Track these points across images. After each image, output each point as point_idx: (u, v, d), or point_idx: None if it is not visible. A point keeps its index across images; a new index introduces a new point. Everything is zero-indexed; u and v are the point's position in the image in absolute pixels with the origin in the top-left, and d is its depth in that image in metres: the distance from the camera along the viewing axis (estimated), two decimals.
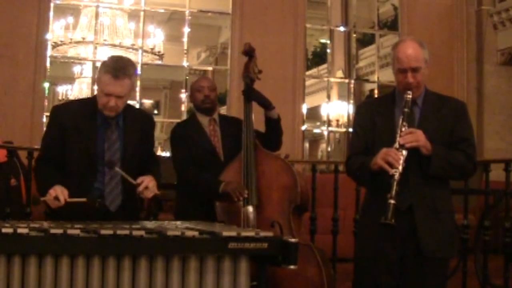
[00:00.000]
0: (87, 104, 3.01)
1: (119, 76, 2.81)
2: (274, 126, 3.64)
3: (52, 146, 2.94)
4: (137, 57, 8.46)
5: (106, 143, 2.91)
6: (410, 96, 2.77)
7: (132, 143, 2.97)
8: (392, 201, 2.64)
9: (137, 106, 8.14)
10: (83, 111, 2.96)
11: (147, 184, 2.82)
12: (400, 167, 2.66)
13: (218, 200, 3.41)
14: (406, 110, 2.76)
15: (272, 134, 3.67)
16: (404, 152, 2.69)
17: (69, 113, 2.95)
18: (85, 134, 2.90)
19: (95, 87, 3.24)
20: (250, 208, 3.36)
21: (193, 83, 3.81)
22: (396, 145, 2.71)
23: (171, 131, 3.78)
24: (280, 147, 3.72)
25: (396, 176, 2.66)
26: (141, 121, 3.08)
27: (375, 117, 2.90)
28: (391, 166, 2.67)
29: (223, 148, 3.61)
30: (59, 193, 2.69)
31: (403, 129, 2.73)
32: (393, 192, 2.64)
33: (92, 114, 2.93)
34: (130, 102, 3.07)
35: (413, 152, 2.72)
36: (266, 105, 3.60)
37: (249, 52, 3.64)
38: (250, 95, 3.59)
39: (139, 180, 2.83)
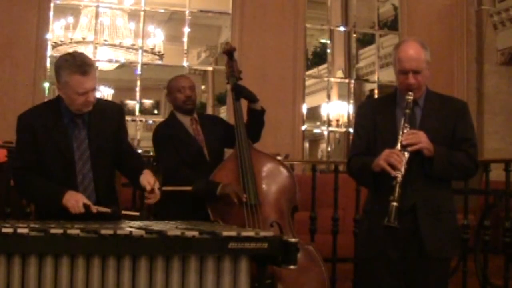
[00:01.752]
0: (51, 106, 2.96)
1: (87, 70, 2.79)
2: (258, 118, 3.60)
3: (28, 153, 2.89)
4: (137, 57, 8.46)
5: (75, 143, 2.88)
6: (411, 97, 2.76)
7: (100, 138, 2.93)
8: (395, 203, 2.62)
9: (137, 105, 8.17)
10: (49, 113, 2.91)
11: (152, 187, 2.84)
12: (403, 169, 2.65)
13: (215, 202, 3.32)
14: (407, 111, 2.75)
15: (255, 126, 3.60)
16: (406, 154, 2.68)
17: (36, 118, 2.91)
18: (56, 136, 2.86)
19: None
20: None
21: (172, 82, 3.70)
22: (398, 146, 2.70)
23: (153, 132, 3.67)
24: (259, 139, 3.65)
25: (399, 178, 2.65)
26: (109, 113, 3.02)
27: (376, 117, 2.89)
28: (394, 168, 2.66)
29: (208, 147, 3.55)
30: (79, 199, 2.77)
31: (405, 130, 2.72)
32: (396, 194, 2.63)
33: (58, 115, 2.90)
34: (131, 101, 3.05)
35: (416, 153, 2.71)
36: (253, 98, 3.57)
37: (231, 51, 3.62)
38: (241, 92, 3.55)
39: (146, 185, 2.84)
